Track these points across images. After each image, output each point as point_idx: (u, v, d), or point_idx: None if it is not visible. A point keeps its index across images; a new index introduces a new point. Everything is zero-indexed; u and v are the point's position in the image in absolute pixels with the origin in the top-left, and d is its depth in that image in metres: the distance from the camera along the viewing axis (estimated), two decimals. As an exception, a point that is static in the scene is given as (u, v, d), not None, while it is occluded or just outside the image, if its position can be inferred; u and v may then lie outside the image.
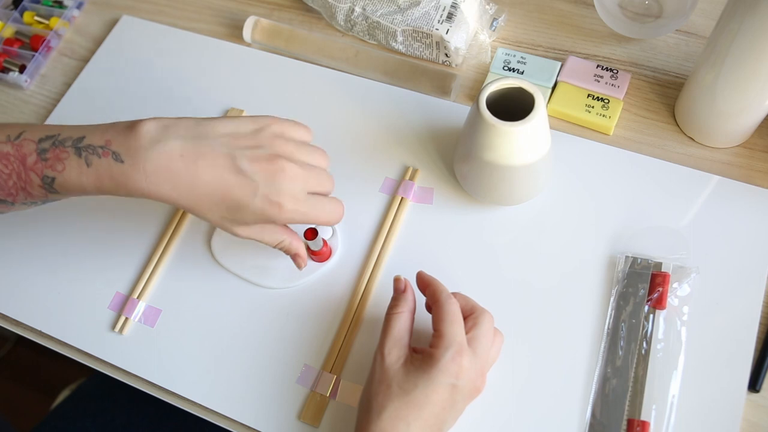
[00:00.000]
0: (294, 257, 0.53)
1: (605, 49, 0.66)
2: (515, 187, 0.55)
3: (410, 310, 0.49)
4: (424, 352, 0.46)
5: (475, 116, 0.50)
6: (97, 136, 0.46)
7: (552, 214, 0.58)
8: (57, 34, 0.75)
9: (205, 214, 0.47)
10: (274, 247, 0.51)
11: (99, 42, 0.74)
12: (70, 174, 0.46)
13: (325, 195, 0.50)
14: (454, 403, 0.45)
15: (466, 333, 0.46)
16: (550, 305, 0.54)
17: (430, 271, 0.55)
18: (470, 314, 0.48)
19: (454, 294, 0.49)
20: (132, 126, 0.46)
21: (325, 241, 0.56)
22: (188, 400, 0.55)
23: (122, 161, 0.45)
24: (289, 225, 0.52)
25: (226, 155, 0.45)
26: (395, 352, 0.46)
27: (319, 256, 0.57)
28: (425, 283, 0.49)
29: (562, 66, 0.64)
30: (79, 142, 0.46)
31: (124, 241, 0.61)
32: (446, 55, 0.66)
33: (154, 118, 0.47)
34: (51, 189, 0.47)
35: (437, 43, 0.65)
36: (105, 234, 0.61)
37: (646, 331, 0.51)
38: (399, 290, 0.50)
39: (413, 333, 0.49)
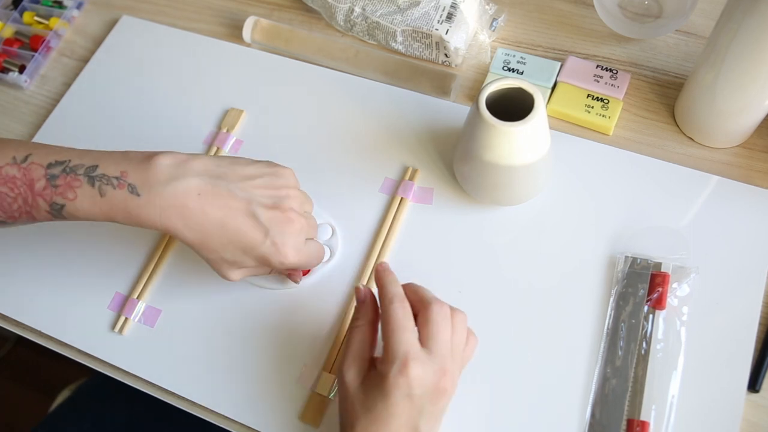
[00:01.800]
0: (289, 277, 0.55)
1: (605, 49, 0.66)
2: (515, 187, 0.55)
3: (370, 321, 0.47)
4: (377, 367, 0.45)
5: (475, 116, 0.50)
6: (112, 166, 0.46)
7: (552, 214, 0.58)
8: (57, 35, 0.75)
9: (209, 253, 0.48)
10: (267, 274, 0.53)
11: (99, 42, 0.74)
12: (83, 203, 0.46)
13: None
14: (421, 410, 0.43)
15: (420, 330, 0.44)
16: (550, 305, 0.54)
17: (430, 272, 0.55)
18: (421, 309, 0.45)
19: (405, 286, 0.47)
20: (148, 158, 0.46)
21: None
22: (188, 400, 0.55)
23: (138, 195, 0.45)
24: None
25: (242, 199, 0.47)
26: (353, 368, 0.45)
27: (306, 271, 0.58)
28: (377, 284, 0.47)
29: (561, 66, 0.64)
30: (93, 170, 0.46)
31: (124, 241, 0.61)
32: (446, 55, 0.66)
33: (170, 152, 0.47)
34: (58, 215, 0.47)
35: (437, 43, 0.65)
36: (105, 234, 0.61)
37: (646, 331, 0.51)
38: (359, 300, 0.48)
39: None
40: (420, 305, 0.45)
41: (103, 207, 0.46)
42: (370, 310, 0.48)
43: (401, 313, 0.44)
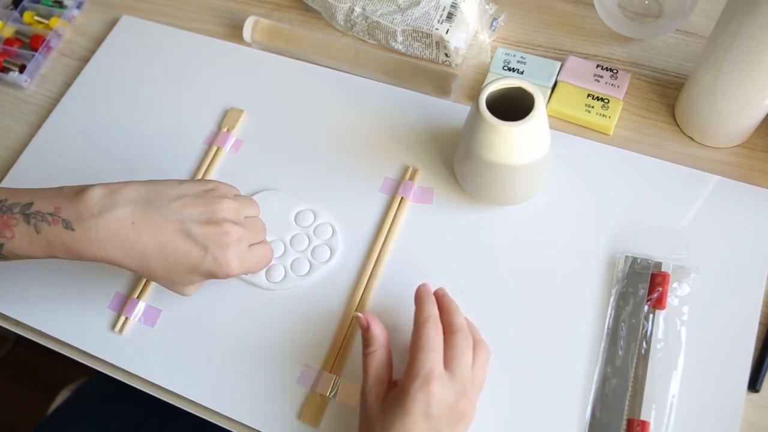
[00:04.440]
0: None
1: (605, 49, 0.66)
2: (515, 187, 0.55)
3: (382, 345, 0.48)
4: (398, 385, 0.45)
5: (475, 116, 0.50)
6: (46, 203, 0.46)
7: (552, 214, 0.58)
8: (57, 34, 0.75)
9: (157, 279, 0.48)
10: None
11: (99, 42, 0.74)
12: (21, 241, 0.46)
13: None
14: None
15: (445, 353, 0.46)
16: (550, 305, 0.54)
17: (430, 272, 0.56)
18: (448, 332, 0.47)
19: (440, 302, 0.49)
20: (80, 192, 0.47)
21: None
22: (188, 400, 0.55)
23: (73, 229, 0.45)
24: None
25: (176, 221, 0.47)
26: (375, 391, 0.46)
27: None
28: (416, 302, 0.49)
29: (562, 66, 0.64)
30: (28, 208, 0.46)
31: (124, 241, 0.61)
32: (446, 55, 0.66)
33: (102, 184, 0.48)
34: (0, 256, 0.47)
35: (437, 43, 0.65)
36: (105, 234, 0.61)
37: (646, 330, 0.51)
38: (363, 328, 0.49)
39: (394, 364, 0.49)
40: (448, 328, 0.47)
41: (41, 244, 0.46)
42: (380, 335, 0.49)
43: (433, 333, 0.46)
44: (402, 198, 0.60)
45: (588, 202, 0.58)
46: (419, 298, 0.49)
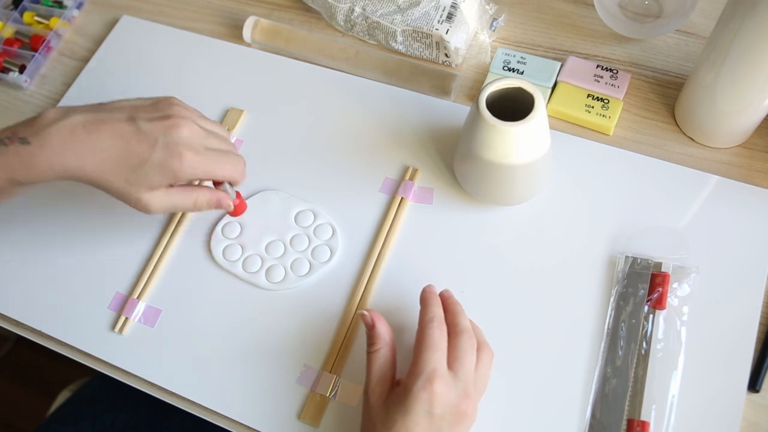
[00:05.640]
0: (218, 206, 0.54)
1: (605, 49, 0.66)
2: (515, 187, 0.55)
3: (387, 344, 0.48)
4: (401, 384, 0.45)
5: (475, 116, 0.50)
6: (2, 132, 0.49)
7: (552, 215, 0.58)
8: (57, 34, 0.75)
9: (110, 180, 0.48)
10: (193, 209, 0.52)
11: (99, 42, 0.74)
12: None
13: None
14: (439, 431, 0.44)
15: (449, 353, 0.45)
16: (550, 305, 0.54)
17: (431, 272, 0.55)
18: (452, 333, 0.47)
19: (445, 302, 0.49)
20: (35, 116, 0.49)
21: (238, 193, 0.56)
22: (188, 400, 0.55)
23: (29, 143, 0.47)
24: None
25: (125, 119, 0.48)
26: (378, 390, 0.46)
27: (234, 209, 0.56)
28: (421, 303, 0.49)
29: (562, 66, 0.64)
30: None
31: (124, 241, 0.61)
32: (446, 55, 0.66)
33: (56, 107, 0.50)
34: None
35: (437, 43, 0.65)
36: (105, 234, 0.61)
37: (646, 331, 0.51)
38: (368, 326, 0.49)
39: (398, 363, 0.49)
40: (453, 329, 0.47)
41: (0, 167, 0.47)
42: (385, 333, 0.49)
43: (437, 334, 0.46)
44: (402, 198, 0.60)
45: (588, 202, 0.58)
46: (424, 298, 0.49)
